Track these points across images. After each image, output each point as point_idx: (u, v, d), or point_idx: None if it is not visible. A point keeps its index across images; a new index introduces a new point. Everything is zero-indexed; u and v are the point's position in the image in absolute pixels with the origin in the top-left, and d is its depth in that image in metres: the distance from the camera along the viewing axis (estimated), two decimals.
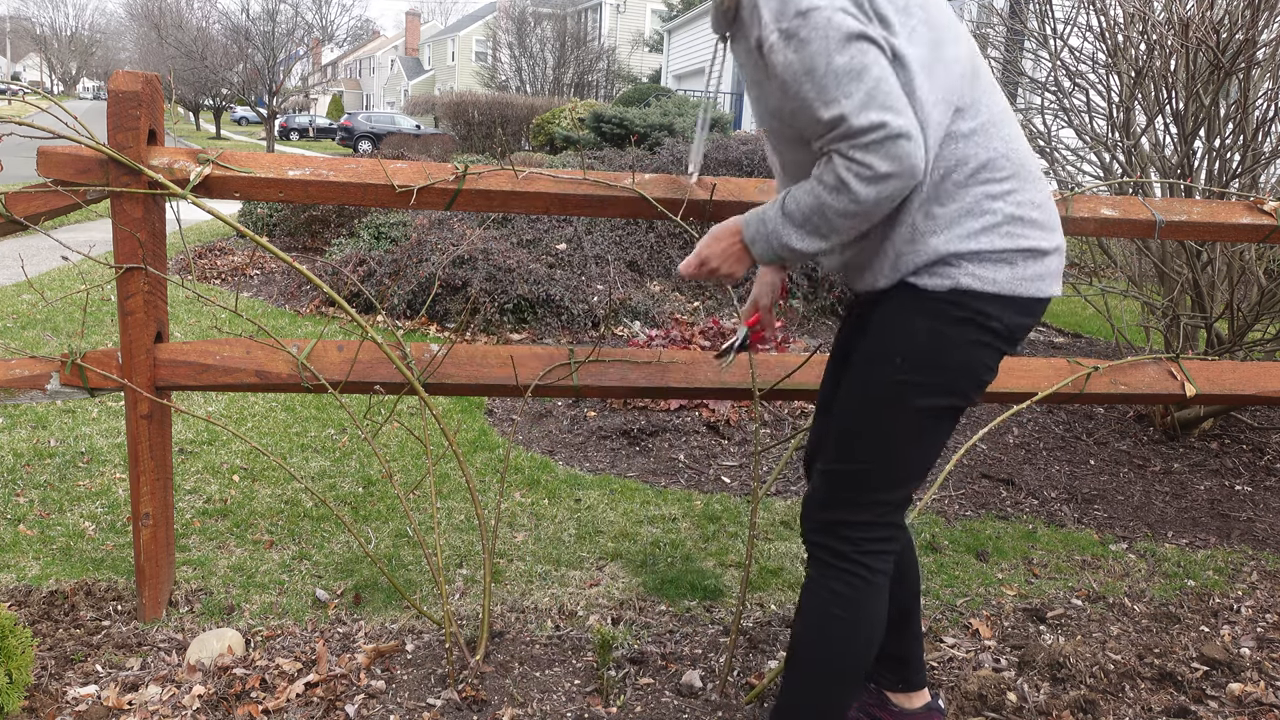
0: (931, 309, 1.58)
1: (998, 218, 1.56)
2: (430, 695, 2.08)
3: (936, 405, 1.62)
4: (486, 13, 49.51)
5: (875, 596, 1.69)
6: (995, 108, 1.59)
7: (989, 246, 1.56)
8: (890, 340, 1.61)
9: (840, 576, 1.68)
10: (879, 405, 1.63)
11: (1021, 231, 1.58)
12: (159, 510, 2.27)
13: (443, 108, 23.37)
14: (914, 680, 1.96)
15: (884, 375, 1.62)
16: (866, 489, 1.67)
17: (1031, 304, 1.61)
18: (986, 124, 1.56)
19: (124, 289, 2.13)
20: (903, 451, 1.65)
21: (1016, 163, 1.58)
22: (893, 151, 1.43)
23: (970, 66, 1.58)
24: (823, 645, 1.70)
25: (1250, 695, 2.21)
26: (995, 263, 1.57)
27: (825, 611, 1.69)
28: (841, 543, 1.68)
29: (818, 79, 1.44)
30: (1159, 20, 3.90)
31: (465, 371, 2.25)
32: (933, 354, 1.59)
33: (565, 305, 5.62)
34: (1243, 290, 4.15)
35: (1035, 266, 1.59)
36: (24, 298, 5.87)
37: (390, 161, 2.21)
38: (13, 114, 2.10)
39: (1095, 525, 3.26)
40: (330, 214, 8.18)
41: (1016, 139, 1.60)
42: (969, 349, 1.60)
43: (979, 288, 1.57)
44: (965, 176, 1.55)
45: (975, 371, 1.62)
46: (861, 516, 1.67)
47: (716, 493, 3.37)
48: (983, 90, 1.58)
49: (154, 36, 31.27)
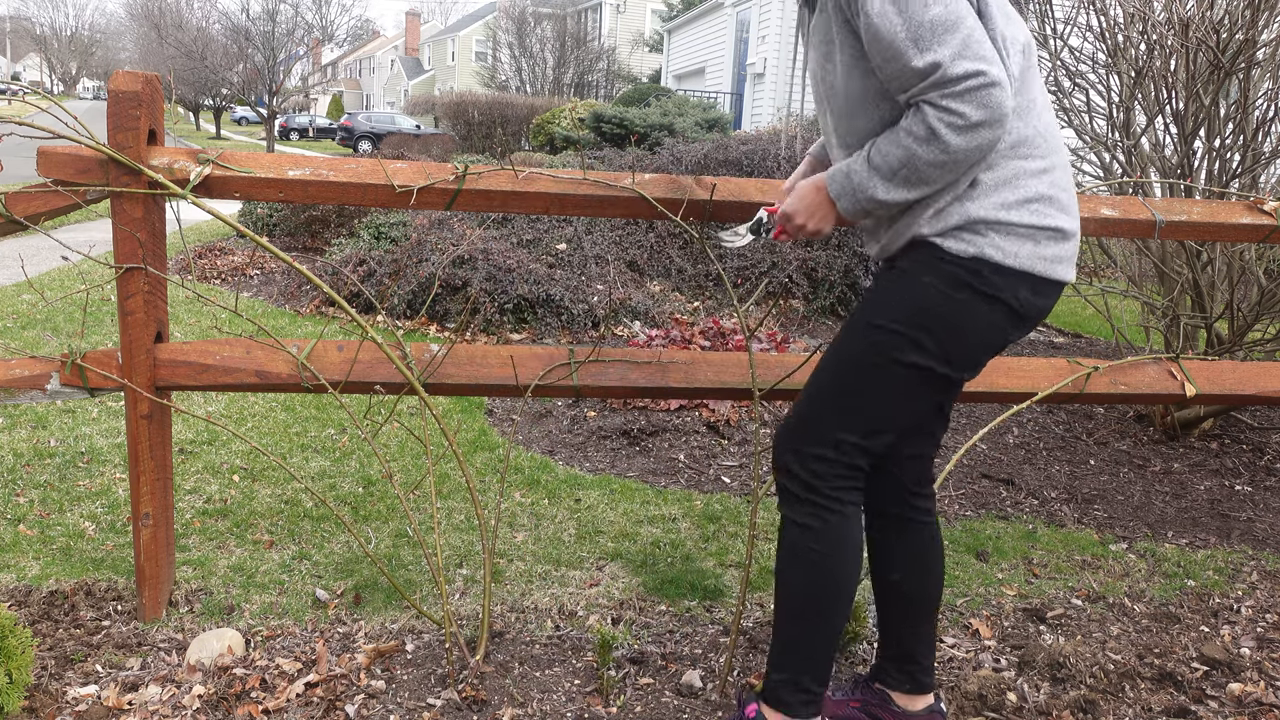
0: (947, 272, 1.61)
1: (1030, 193, 1.60)
2: (430, 695, 2.08)
3: (920, 365, 1.65)
4: (486, 13, 49.51)
5: (846, 525, 1.74)
6: (1035, 88, 1.64)
7: (1017, 220, 1.59)
8: (896, 290, 1.65)
9: (813, 511, 1.74)
10: (866, 348, 1.68)
11: (1049, 211, 1.62)
12: (159, 510, 2.27)
13: (443, 108, 23.36)
14: (922, 682, 1.96)
15: (881, 321, 1.66)
16: (835, 424, 1.71)
17: (1046, 285, 1.64)
18: (1032, 102, 1.62)
19: (124, 289, 2.13)
20: (877, 399, 1.69)
21: (1052, 143, 1.63)
22: (986, 100, 1.46)
23: (1026, 43, 1.63)
24: (802, 580, 1.76)
25: (1250, 695, 2.21)
26: (1020, 237, 1.60)
27: (801, 547, 1.75)
28: (810, 475, 1.73)
29: (913, 27, 1.48)
30: (1159, 20, 3.90)
31: (465, 371, 2.25)
32: (934, 314, 1.62)
33: (565, 305, 5.62)
34: (1243, 290, 4.15)
35: (1055, 248, 1.63)
36: (24, 298, 5.87)
37: (390, 161, 2.21)
38: (13, 114, 2.10)
39: (1095, 525, 3.26)
40: (330, 214, 8.18)
41: (1052, 122, 1.65)
42: (974, 319, 1.62)
43: (999, 259, 1.60)
44: (1007, 147, 1.59)
45: (974, 345, 1.65)
46: (826, 451, 1.72)
47: (716, 493, 3.37)
48: (1030, 71, 1.63)
49: (154, 36, 31.27)
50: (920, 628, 1.93)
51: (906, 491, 1.90)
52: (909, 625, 1.93)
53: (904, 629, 1.93)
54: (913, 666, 1.95)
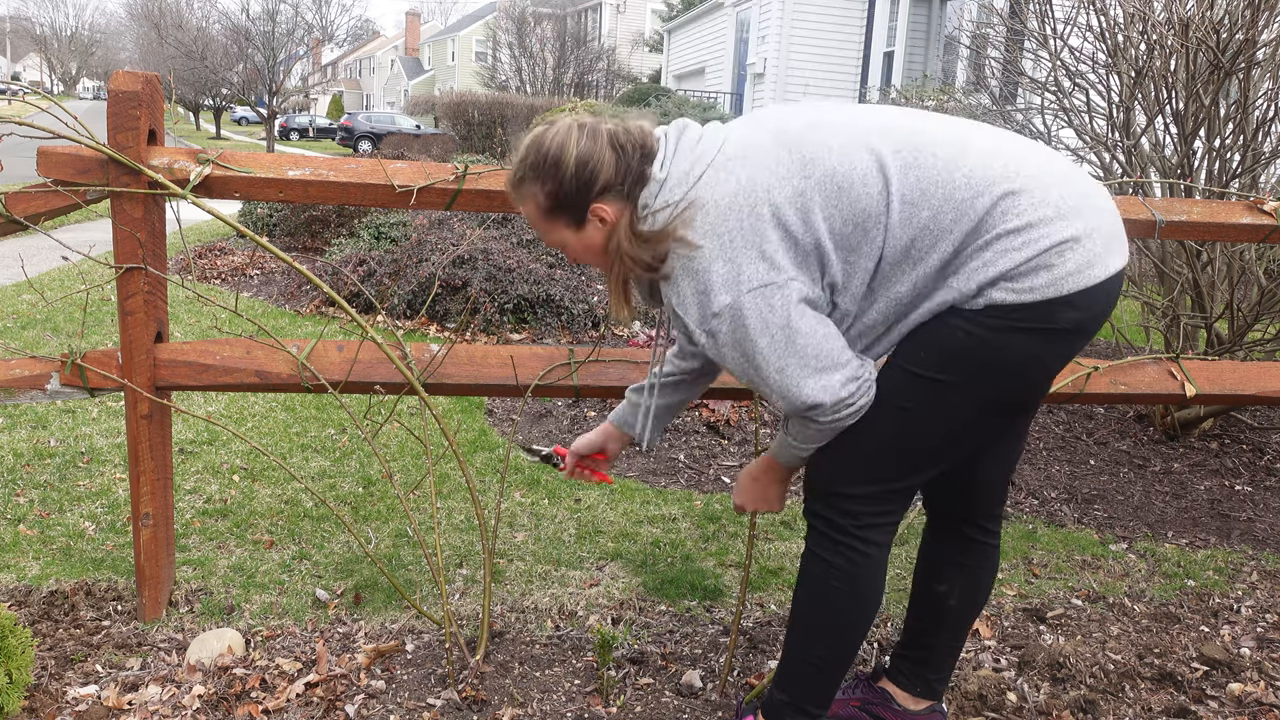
0: (970, 317, 1.53)
1: (1006, 239, 1.49)
2: (430, 695, 2.08)
3: (965, 406, 1.59)
4: (486, 13, 49.49)
5: (872, 570, 1.70)
6: (939, 179, 1.52)
7: (1010, 266, 1.49)
8: (925, 334, 1.58)
9: (838, 550, 1.69)
10: (897, 392, 1.60)
11: (1040, 234, 1.49)
12: (159, 510, 2.27)
13: (443, 108, 23.35)
14: (935, 689, 1.95)
15: (904, 367, 1.60)
16: (876, 469, 1.66)
17: (1084, 296, 1.51)
18: (944, 202, 1.51)
19: (124, 289, 2.13)
20: (913, 441, 1.63)
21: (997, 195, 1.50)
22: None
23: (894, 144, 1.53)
24: (821, 615, 1.73)
25: (1250, 695, 2.21)
26: (1028, 273, 1.49)
27: (824, 583, 1.71)
28: (840, 516, 1.69)
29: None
30: (1159, 20, 3.90)
31: (465, 371, 2.25)
32: (964, 355, 1.55)
33: (565, 305, 5.62)
34: (1243, 290, 4.15)
35: (1075, 257, 1.49)
36: (24, 298, 5.87)
37: (390, 161, 2.21)
38: (13, 114, 2.10)
39: (1095, 525, 3.26)
40: (330, 214, 8.18)
41: (976, 174, 1.51)
42: (1007, 352, 1.54)
43: (1014, 300, 1.50)
44: (950, 246, 1.51)
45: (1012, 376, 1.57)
46: (864, 491, 1.67)
47: (716, 493, 3.37)
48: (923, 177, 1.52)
49: (154, 36, 31.26)
50: (951, 640, 1.91)
51: (977, 515, 1.85)
52: (940, 635, 1.91)
53: (934, 637, 1.91)
54: (931, 674, 1.94)
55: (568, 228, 1.62)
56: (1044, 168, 1.55)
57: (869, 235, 1.52)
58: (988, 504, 1.85)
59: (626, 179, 1.56)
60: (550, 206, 1.60)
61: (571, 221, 1.60)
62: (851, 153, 1.52)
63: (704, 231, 1.50)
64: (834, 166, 1.51)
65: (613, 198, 1.57)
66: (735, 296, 1.49)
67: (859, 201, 1.50)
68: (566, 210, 1.59)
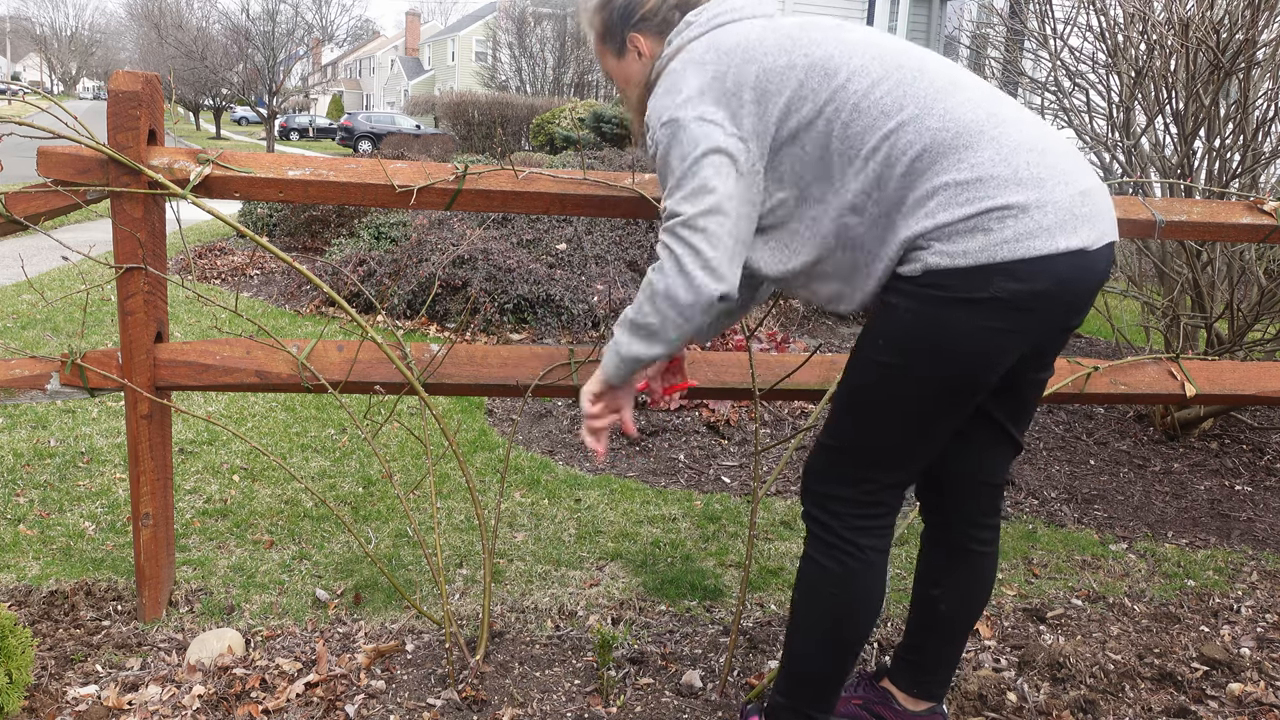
0: (911, 292, 1.52)
1: (950, 189, 1.48)
2: (430, 695, 2.08)
3: (920, 392, 1.57)
4: (486, 13, 49.50)
5: (867, 573, 1.69)
6: (923, 94, 1.54)
7: (948, 219, 1.47)
8: (878, 324, 1.59)
9: (829, 552, 1.69)
10: (864, 386, 1.63)
11: (983, 194, 1.47)
12: (159, 510, 2.27)
13: (443, 108, 23.37)
14: (935, 693, 1.94)
15: (868, 356, 1.61)
16: (858, 466, 1.66)
17: (1025, 266, 1.47)
18: (915, 114, 1.52)
19: (124, 289, 2.13)
20: (886, 433, 1.62)
21: (959, 132, 1.50)
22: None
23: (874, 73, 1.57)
24: (815, 618, 1.73)
25: (1250, 695, 2.21)
26: (963, 234, 1.47)
27: (818, 587, 1.72)
28: (832, 518, 1.69)
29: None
30: (1159, 20, 3.90)
31: (465, 371, 2.25)
32: (913, 337, 1.54)
33: (565, 305, 5.62)
34: (1243, 290, 4.15)
35: (1014, 225, 1.46)
36: (24, 298, 5.87)
37: (390, 161, 2.21)
38: (13, 114, 2.10)
39: (1095, 525, 3.26)
40: (330, 214, 8.18)
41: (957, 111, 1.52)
42: (957, 330, 1.51)
43: (948, 264, 1.47)
44: (906, 168, 1.51)
45: (969, 356, 1.53)
46: (851, 493, 1.67)
47: (716, 493, 3.37)
48: (905, 83, 1.55)
49: (154, 36, 31.27)
50: (948, 645, 1.90)
51: (966, 523, 1.84)
52: (936, 639, 1.90)
53: (931, 641, 1.91)
54: (927, 678, 1.93)
55: (613, 56, 1.84)
56: (1027, 134, 1.53)
57: (823, 109, 1.59)
58: (976, 512, 1.83)
59: (658, 15, 1.77)
60: (601, 34, 1.84)
61: (615, 50, 1.83)
62: (849, 55, 1.60)
63: (692, 58, 1.66)
64: (827, 55, 1.61)
65: (648, 31, 1.78)
66: (682, 115, 1.61)
67: (832, 78, 1.58)
68: (611, 39, 1.83)
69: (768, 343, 4.75)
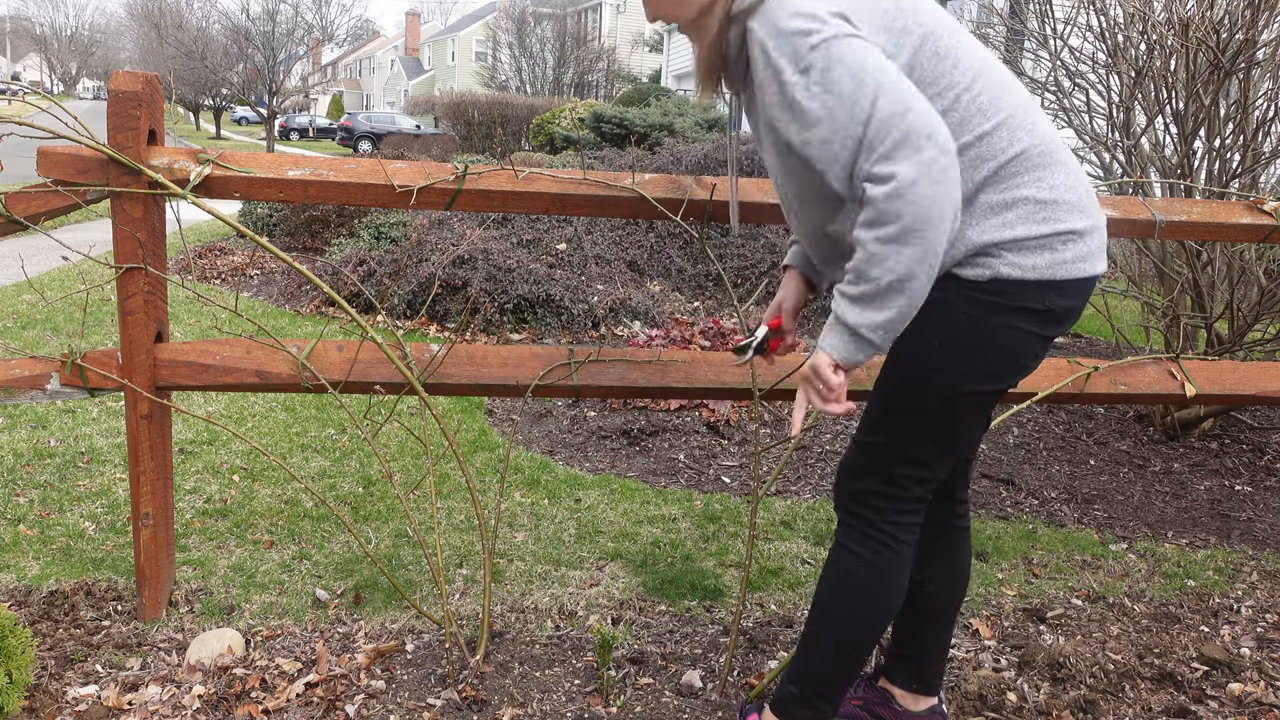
0: (972, 297, 1.59)
1: (1030, 205, 1.57)
2: (430, 695, 2.08)
3: (973, 390, 1.64)
4: (486, 13, 49.51)
5: (898, 564, 1.73)
6: (1014, 102, 1.59)
7: (1025, 234, 1.57)
8: (929, 324, 1.62)
9: (865, 542, 1.73)
10: (915, 388, 1.66)
11: (1059, 215, 1.58)
12: (159, 510, 2.27)
13: (443, 108, 23.37)
14: (931, 684, 1.96)
15: (921, 358, 1.64)
16: (899, 464, 1.70)
17: (1075, 286, 1.61)
18: (1008, 119, 1.57)
19: (124, 289, 2.13)
20: (937, 433, 1.68)
21: (1044, 150, 1.59)
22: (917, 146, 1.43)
23: (981, 63, 1.59)
24: (843, 607, 1.75)
25: (1250, 695, 2.21)
26: (1034, 250, 1.57)
27: (849, 574, 1.74)
28: (871, 511, 1.73)
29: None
30: (1159, 20, 3.90)
31: (465, 371, 2.25)
32: (973, 340, 1.61)
33: (565, 305, 5.62)
34: (1243, 290, 4.15)
35: (1074, 248, 1.59)
36: (24, 298, 5.87)
37: (390, 161, 2.21)
38: (13, 114, 2.10)
39: (1095, 525, 3.26)
40: (330, 214, 8.18)
41: (1041, 126, 1.60)
42: (1010, 335, 1.61)
43: (1018, 276, 1.57)
44: (992, 171, 1.56)
45: (1016, 358, 1.64)
46: (890, 489, 1.71)
47: (716, 493, 3.37)
48: (998, 86, 1.58)
49: (154, 36, 31.27)
50: (940, 632, 1.93)
51: (950, 495, 1.89)
52: (929, 628, 1.92)
53: (924, 631, 1.93)
54: (925, 669, 1.95)
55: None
56: (1074, 160, 1.65)
57: (927, 89, 1.53)
58: (957, 485, 1.89)
59: None
60: None
61: None
62: (955, 41, 1.57)
63: None
64: (935, 32, 1.55)
65: None
66: (836, 31, 1.44)
67: (942, 60, 1.54)
68: None
69: None
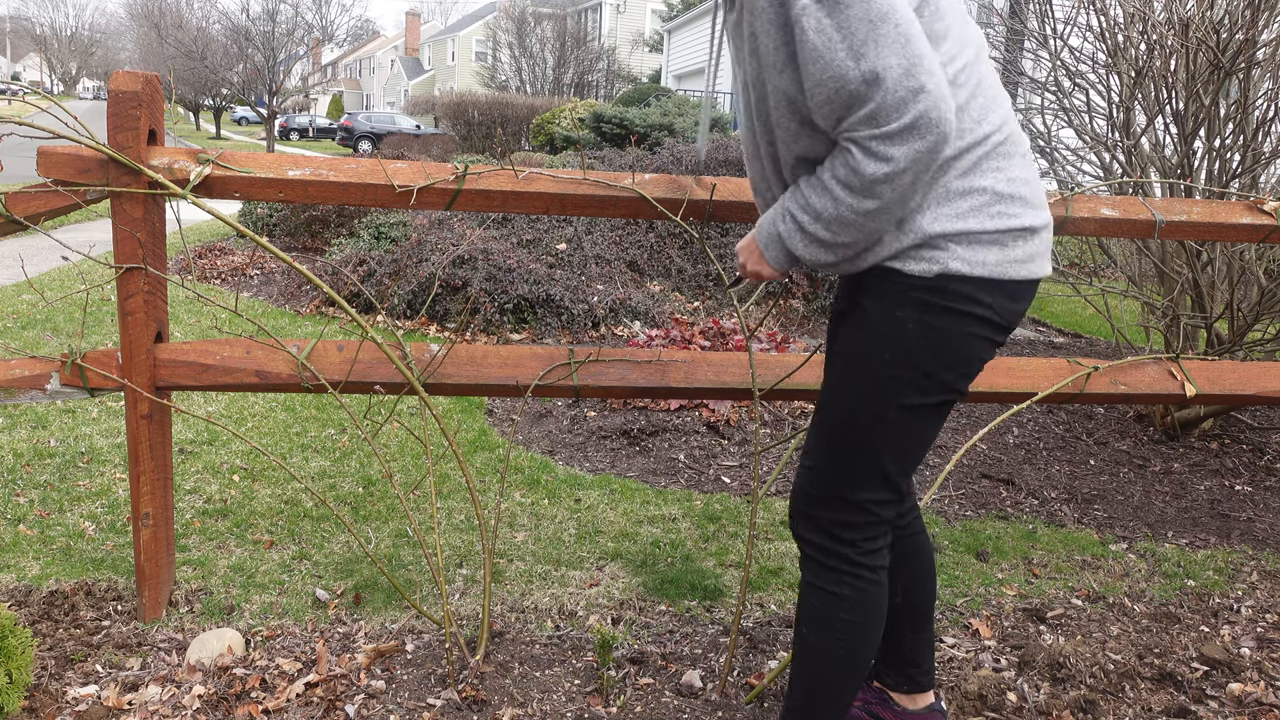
0: (917, 300, 1.50)
1: (986, 196, 1.48)
2: (430, 695, 2.08)
3: (925, 402, 1.57)
4: (486, 13, 49.52)
5: (878, 593, 1.67)
6: (984, 70, 1.51)
7: (979, 227, 1.47)
8: (876, 335, 1.54)
9: (842, 581, 1.65)
10: (866, 402, 1.57)
11: (1014, 210, 1.49)
12: (159, 510, 2.27)
13: (443, 108, 23.37)
14: (921, 683, 1.96)
15: (870, 371, 1.56)
16: (856, 485, 1.61)
17: (1022, 287, 1.53)
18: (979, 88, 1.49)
19: (124, 289, 2.13)
20: (891, 447, 1.59)
21: (1008, 135, 1.51)
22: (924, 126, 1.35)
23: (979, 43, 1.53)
24: (831, 644, 1.67)
25: (1250, 695, 2.21)
26: (985, 244, 1.48)
27: (830, 616, 1.66)
28: (838, 544, 1.64)
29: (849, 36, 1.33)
30: (1159, 20, 3.90)
31: (465, 371, 2.25)
32: (921, 349, 1.52)
33: (565, 305, 5.62)
34: (1243, 290, 4.15)
35: (1025, 247, 1.51)
36: (24, 298, 5.87)
37: (390, 161, 2.21)
38: (13, 114, 2.10)
39: (1095, 525, 3.26)
40: (330, 214, 8.18)
41: (1007, 115, 1.52)
42: (959, 340, 1.52)
43: (967, 271, 1.47)
44: (957, 151, 1.47)
45: (966, 363, 1.55)
46: (855, 516, 1.63)
47: (716, 493, 3.37)
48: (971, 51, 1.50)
49: (154, 36, 31.27)
50: (919, 632, 1.92)
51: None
52: (909, 630, 1.92)
53: (904, 634, 1.92)
54: (913, 669, 1.95)
55: None
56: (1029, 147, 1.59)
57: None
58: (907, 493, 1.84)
59: None
60: None
61: None
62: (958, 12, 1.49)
63: None
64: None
65: None
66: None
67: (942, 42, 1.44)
68: None
69: (768, 343, 4.76)
